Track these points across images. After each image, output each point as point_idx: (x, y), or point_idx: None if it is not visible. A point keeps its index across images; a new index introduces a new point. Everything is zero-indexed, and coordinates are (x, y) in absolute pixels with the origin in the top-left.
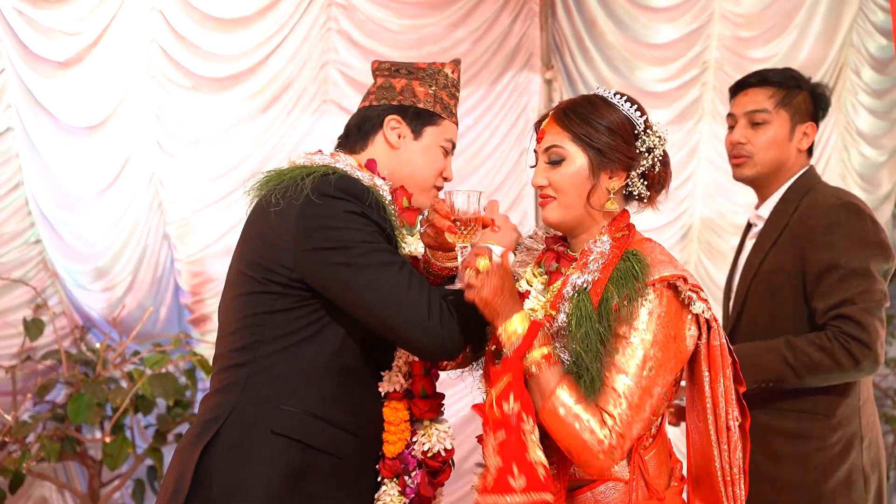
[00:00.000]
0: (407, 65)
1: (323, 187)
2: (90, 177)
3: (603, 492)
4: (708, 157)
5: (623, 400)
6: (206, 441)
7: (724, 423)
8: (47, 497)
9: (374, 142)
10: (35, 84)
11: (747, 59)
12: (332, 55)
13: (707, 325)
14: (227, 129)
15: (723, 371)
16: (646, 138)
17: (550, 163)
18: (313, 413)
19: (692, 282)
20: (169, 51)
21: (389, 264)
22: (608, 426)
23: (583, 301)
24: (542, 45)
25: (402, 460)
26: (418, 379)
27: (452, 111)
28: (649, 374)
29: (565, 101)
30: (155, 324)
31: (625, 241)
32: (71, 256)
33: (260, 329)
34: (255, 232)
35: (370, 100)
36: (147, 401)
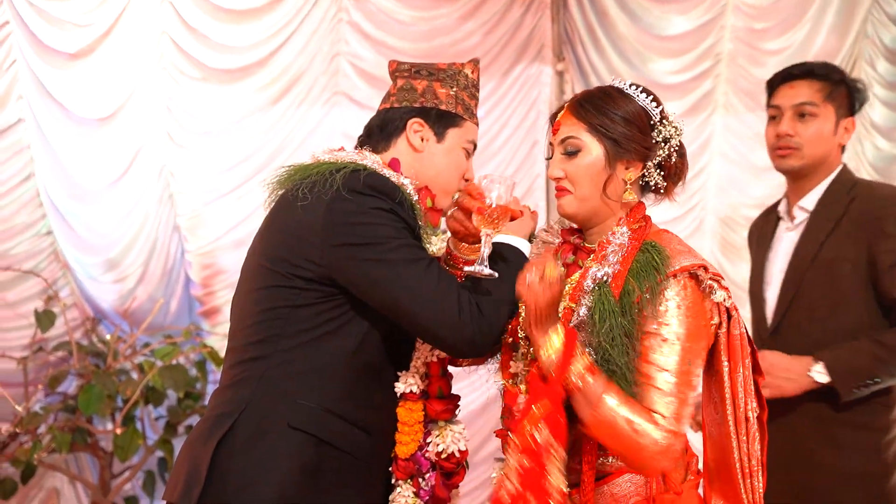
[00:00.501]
0: (427, 65)
1: (352, 183)
2: (101, 168)
3: (619, 484)
4: (721, 150)
5: (671, 398)
6: (221, 434)
7: (744, 413)
8: (59, 488)
9: (397, 144)
10: (46, 75)
11: (761, 50)
12: (342, 46)
13: (728, 314)
14: (237, 121)
15: (742, 361)
16: (662, 128)
17: (566, 154)
18: (329, 409)
19: (712, 270)
20: (180, 42)
21: (418, 260)
22: (661, 426)
23: (604, 294)
24: (554, 36)
25: (415, 461)
26: (435, 380)
27: (473, 112)
28: (689, 367)
29: (581, 93)
30: (165, 315)
31: (642, 232)
32: (82, 248)
33: (280, 323)
34: (279, 226)
35: (391, 101)
36: (157, 392)
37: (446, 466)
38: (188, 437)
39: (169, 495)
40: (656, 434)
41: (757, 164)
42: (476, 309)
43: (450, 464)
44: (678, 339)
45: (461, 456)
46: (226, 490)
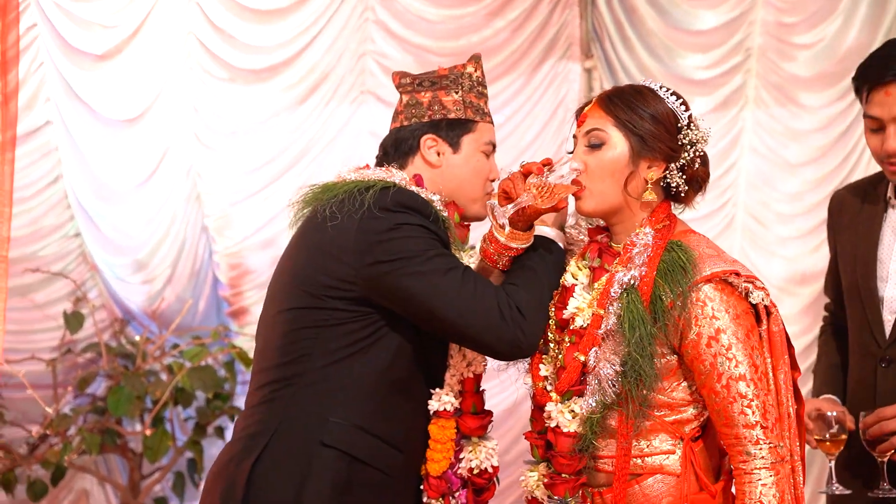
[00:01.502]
0: (428, 75)
1: (382, 201)
2: (129, 169)
3: (651, 485)
4: (751, 146)
5: (755, 401)
6: (256, 455)
7: (786, 410)
8: (88, 489)
9: (414, 162)
10: (73, 77)
11: (791, 45)
12: (369, 45)
13: (767, 312)
14: (264, 121)
15: (782, 357)
16: (689, 132)
17: (590, 146)
18: (361, 426)
19: (745, 273)
20: (206, 43)
21: (453, 269)
22: (770, 447)
23: (633, 302)
24: (582, 33)
25: (447, 479)
26: (469, 395)
27: (485, 111)
28: (759, 360)
29: (611, 88)
30: (194, 316)
31: (667, 232)
32: (110, 249)
33: (310, 342)
34: (308, 245)
35: (400, 120)
36: (186, 393)
37: (478, 483)
38: (218, 458)
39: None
40: (768, 473)
41: (788, 160)
42: (517, 312)
43: (482, 479)
44: (740, 344)
45: (493, 471)
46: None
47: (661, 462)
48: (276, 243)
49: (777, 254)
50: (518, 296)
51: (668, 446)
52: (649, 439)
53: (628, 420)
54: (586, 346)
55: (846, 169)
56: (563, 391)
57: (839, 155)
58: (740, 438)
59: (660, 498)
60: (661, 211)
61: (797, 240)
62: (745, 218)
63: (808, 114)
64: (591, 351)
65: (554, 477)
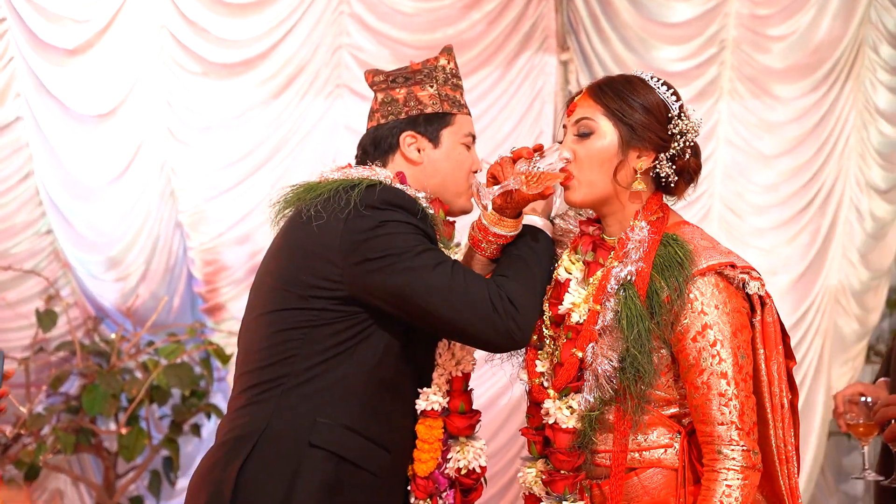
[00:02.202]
0: (401, 71)
1: (368, 199)
2: (101, 165)
3: (650, 476)
4: (727, 138)
5: (734, 401)
6: (244, 457)
7: (780, 400)
8: (62, 489)
9: (394, 160)
10: (44, 72)
11: (765, 36)
12: (344, 39)
13: (762, 303)
14: (239, 116)
15: (776, 348)
16: (680, 122)
17: (579, 135)
18: (349, 426)
19: (741, 264)
20: (179, 37)
21: (441, 263)
22: (734, 460)
23: (630, 298)
24: (558, 26)
25: (434, 480)
26: (457, 395)
27: (461, 103)
28: (743, 360)
29: (602, 78)
30: (168, 313)
31: (661, 224)
32: (83, 246)
33: (297, 344)
34: (292, 245)
35: (376, 119)
36: (162, 391)
37: (466, 483)
38: (203, 462)
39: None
40: (737, 476)
41: (763, 152)
42: (509, 303)
43: (470, 480)
44: (727, 341)
45: (481, 472)
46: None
47: (659, 456)
48: (252, 239)
49: (752, 244)
50: (509, 287)
51: (665, 440)
52: (647, 433)
53: (626, 416)
54: (583, 342)
55: (820, 160)
56: (561, 388)
57: (813, 146)
58: (714, 437)
59: (658, 490)
60: (653, 203)
61: (772, 230)
62: (720, 209)
63: (782, 105)
64: (588, 347)
65: (552, 473)
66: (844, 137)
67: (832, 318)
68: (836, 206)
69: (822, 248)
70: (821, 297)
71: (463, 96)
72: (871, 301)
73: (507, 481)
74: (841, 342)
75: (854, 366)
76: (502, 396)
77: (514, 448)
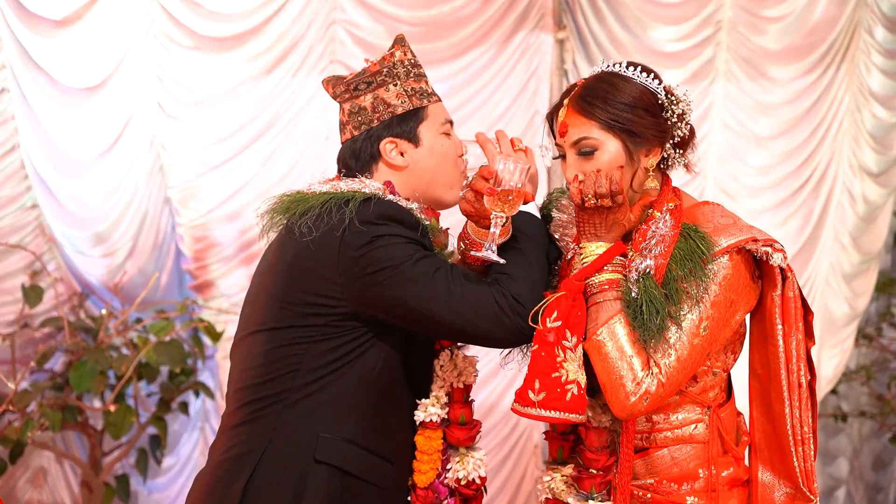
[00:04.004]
0: (361, 77)
1: (364, 213)
2: (89, 139)
3: (679, 448)
4: (722, 119)
5: (672, 351)
6: (247, 476)
7: (797, 379)
8: (46, 467)
9: (379, 169)
10: (31, 43)
11: (761, 18)
12: (338, 14)
13: (783, 276)
14: (230, 91)
15: (796, 324)
16: (673, 107)
17: (582, 155)
18: (351, 440)
19: (763, 237)
20: (170, 9)
21: (440, 269)
22: (652, 373)
23: (650, 288)
24: (554, 4)
25: (434, 490)
26: (457, 406)
27: (429, 92)
28: (704, 334)
29: (580, 87)
30: (156, 290)
31: (679, 213)
32: (69, 221)
33: (296, 359)
34: (288, 263)
35: (349, 131)
36: (151, 368)
37: (466, 493)
38: (201, 480)
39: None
40: (640, 374)
41: (758, 133)
42: (514, 300)
43: (469, 490)
44: (700, 303)
45: (481, 482)
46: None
47: (691, 432)
48: (242, 215)
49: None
50: (511, 285)
51: (696, 416)
52: (678, 412)
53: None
54: None
55: (814, 142)
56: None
57: (808, 128)
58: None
59: (688, 461)
60: (666, 190)
61: (766, 212)
62: (714, 191)
63: (777, 87)
64: None
65: (581, 471)
66: (838, 120)
67: (823, 300)
68: (829, 189)
69: (814, 231)
70: (812, 280)
71: (428, 84)
72: (861, 284)
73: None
74: (831, 325)
75: (843, 348)
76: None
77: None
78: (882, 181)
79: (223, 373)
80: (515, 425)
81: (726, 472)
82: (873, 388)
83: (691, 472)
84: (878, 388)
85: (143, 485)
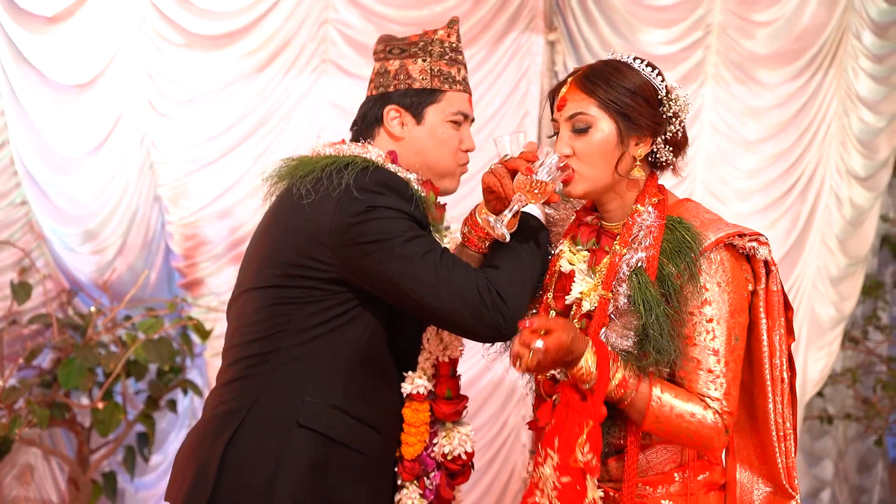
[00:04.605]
0: (399, 42)
1: (361, 181)
2: (79, 136)
3: (657, 451)
4: (711, 122)
5: (721, 379)
6: (231, 432)
7: (780, 374)
8: (32, 464)
9: (379, 134)
10: (22, 40)
11: (751, 22)
12: (330, 13)
13: (767, 270)
14: (221, 89)
15: (779, 319)
16: (671, 104)
17: (576, 131)
18: (337, 406)
19: (749, 232)
20: (162, 7)
21: (430, 252)
22: (716, 410)
23: (644, 284)
24: (545, 6)
25: (421, 462)
26: (444, 380)
27: (456, 79)
28: (736, 343)
29: (585, 67)
30: (145, 288)
31: (663, 207)
32: (59, 218)
33: (285, 319)
34: (283, 224)
35: (371, 88)
36: (140, 366)
37: (452, 468)
38: (191, 435)
39: (174, 494)
40: (713, 419)
41: (747, 137)
42: (497, 296)
43: (456, 465)
44: (722, 319)
45: (468, 457)
46: (236, 489)
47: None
48: (232, 214)
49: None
50: (499, 279)
51: None
52: None
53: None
54: (596, 329)
55: (802, 145)
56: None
57: (796, 132)
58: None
59: (663, 464)
60: (651, 185)
61: (754, 215)
62: (703, 194)
63: (766, 91)
64: (600, 332)
65: None
66: (826, 124)
67: (809, 303)
68: (817, 193)
69: (801, 234)
70: (799, 283)
71: (461, 72)
72: (847, 288)
73: (489, 460)
74: (817, 328)
75: (830, 351)
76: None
77: (494, 428)
78: (869, 185)
79: (212, 371)
80: (503, 425)
81: (702, 475)
82: (859, 391)
83: (667, 476)
84: (863, 391)
85: (130, 482)
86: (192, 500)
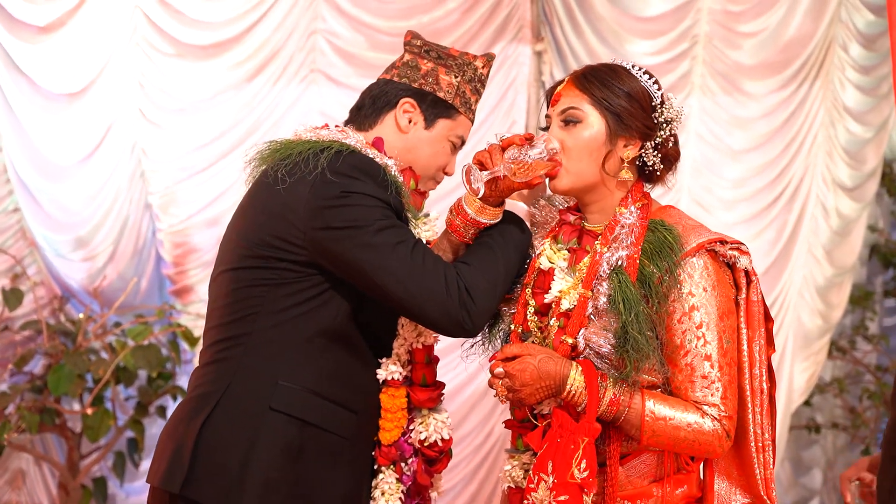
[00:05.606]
0: (439, 48)
1: (336, 165)
2: (71, 145)
3: (634, 465)
4: (697, 132)
5: (717, 384)
6: (205, 415)
7: (759, 385)
8: (24, 469)
9: (385, 120)
10: (15, 49)
11: (737, 33)
12: (319, 24)
13: (747, 280)
14: (211, 98)
15: (758, 329)
16: (664, 110)
17: (565, 123)
18: (312, 389)
19: (730, 239)
20: (153, 17)
21: (402, 243)
22: (714, 416)
23: (624, 283)
24: (533, 16)
25: (398, 448)
26: (419, 367)
27: (471, 107)
28: (728, 346)
29: (584, 67)
30: (136, 295)
31: (647, 210)
32: (51, 225)
33: (258, 301)
34: (259, 206)
35: (393, 73)
36: (129, 372)
37: (429, 454)
38: (172, 417)
39: (153, 475)
40: (712, 425)
41: (733, 147)
42: (465, 293)
43: (433, 452)
44: (712, 324)
45: (445, 444)
46: (210, 472)
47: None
48: (221, 221)
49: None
50: (469, 276)
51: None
52: None
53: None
54: (574, 329)
55: (788, 156)
56: None
57: (782, 142)
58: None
59: (642, 477)
60: (637, 190)
61: (740, 225)
62: (689, 203)
63: (752, 101)
64: (579, 332)
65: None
66: (812, 135)
67: (796, 312)
68: (803, 203)
69: (787, 244)
70: (785, 292)
71: (476, 104)
72: (834, 297)
73: (474, 469)
74: (804, 338)
75: (816, 360)
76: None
77: (479, 436)
78: (856, 195)
79: None
80: (489, 433)
81: (680, 489)
82: (846, 401)
83: (644, 491)
84: (851, 400)
85: (120, 488)
86: (168, 480)
